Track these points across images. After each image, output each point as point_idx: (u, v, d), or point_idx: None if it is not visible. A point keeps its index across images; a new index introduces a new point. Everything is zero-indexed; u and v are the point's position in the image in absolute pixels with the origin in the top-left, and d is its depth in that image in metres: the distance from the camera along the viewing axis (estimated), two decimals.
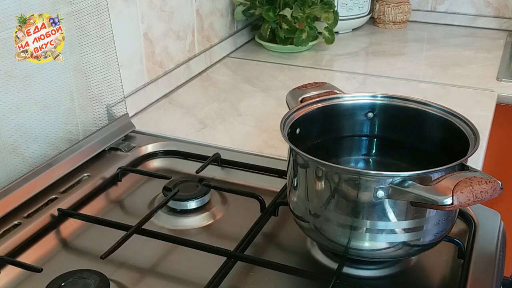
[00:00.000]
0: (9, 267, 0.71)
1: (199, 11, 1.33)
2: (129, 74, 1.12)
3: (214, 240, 0.78)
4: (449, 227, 0.69)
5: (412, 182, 0.60)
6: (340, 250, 0.68)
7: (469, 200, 0.57)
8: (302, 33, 1.44)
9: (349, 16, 1.65)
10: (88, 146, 0.94)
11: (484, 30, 1.70)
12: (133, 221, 0.77)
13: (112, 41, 0.99)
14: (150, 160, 0.98)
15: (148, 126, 1.09)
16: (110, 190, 0.90)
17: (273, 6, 1.43)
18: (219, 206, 0.85)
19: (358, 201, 0.63)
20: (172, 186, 0.85)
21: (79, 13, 0.91)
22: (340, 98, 0.80)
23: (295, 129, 0.75)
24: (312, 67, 1.42)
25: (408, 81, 1.31)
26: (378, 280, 0.71)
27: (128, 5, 1.08)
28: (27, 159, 0.86)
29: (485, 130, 1.07)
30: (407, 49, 1.58)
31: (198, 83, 1.32)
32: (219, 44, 1.45)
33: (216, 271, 0.69)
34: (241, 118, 1.13)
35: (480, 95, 1.23)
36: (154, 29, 1.17)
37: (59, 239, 0.79)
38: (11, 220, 0.78)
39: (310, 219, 0.69)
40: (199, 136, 1.06)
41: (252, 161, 0.94)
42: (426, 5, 1.78)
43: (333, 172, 0.64)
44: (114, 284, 0.68)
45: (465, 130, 0.71)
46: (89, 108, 0.97)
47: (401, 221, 0.64)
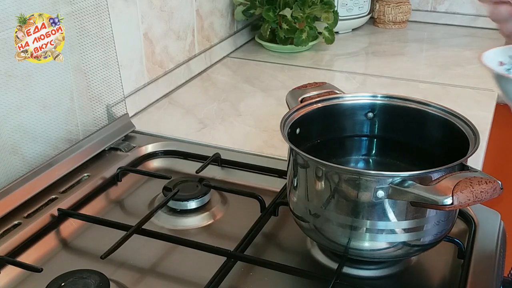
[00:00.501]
0: (9, 267, 0.71)
1: (199, 11, 1.33)
2: (129, 74, 1.11)
3: (214, 240, 0.78)
4: (449, 227, 0.69)
5: (412, 182, 0.60)
6: (340, 250, 0.68)
7: (469, 200, 0.57)
8: (302, 33, 1.44)
9: (349, 16, 1.65)
10: (88, 146, 0.94)
11: (484, 30, 1.69)
12: (133, 221, 0.77)
13: (112, 41, 0.99)
14: (150, 160, 0.98)
15: (148, 126, 1.09)
16: (110, 190, 0.90)
17: (273, 6, 1.43)
18: (219, 206, 0.85)
19: (358, 201, 0.63)
20: (172, 186, 0.85)
21: (79, 13, 0.91)
22: (340, 98, 0.80)
23: (295, 129, 0.75)
24: (312, 67, 1.42)
25: (408, 81, 1.31)
26: (378, 280, 0.71)
27: (128, 5, 1.08)
28: (27, 159, 0.86)
29: (485, 130, 1.07)
30: (407, 49, 1.58)
31: (198, 83, 1.32)
32: (219, 44, 1.45)
33: (216, 271, 0.69)
34: (241, 118, 1.13)
35: (480, 95, 1.23)
36: (154, 29, 1.17)
37: (59, 239, 0.79)
38: (11, 220, 0.78)
39: (310, 219, 0.69)
40: (199, 136, 1.06)
41: (252, 161, 0.94)
42: (426, 5, 1.78)
43: (333, 172, 0.64)
44: (114, 284, 0.68)
45: (465, 130, 0.70)
46: (89, 108, 0.97)
47: (401, 221, 0.64)
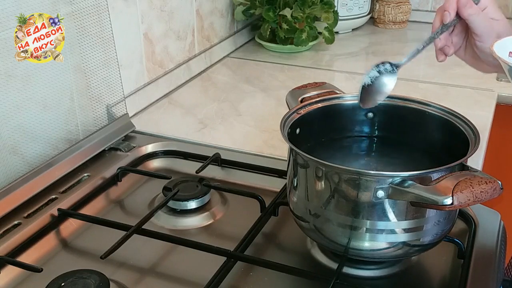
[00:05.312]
0: (9, 267, 0.71)
1: (199, 11, 1.33)
2: (129, 74, 1.11)
3: (214, 240, 0.78)
4: (449, 227, 0.69)
5: (412, 182, 0.60)
6: (340, 250, 0.68)
7: (469, 200, 0.57)
8: (302, 33, 1.44)
9: (349, 16, 1.65)
10: (88, 146, 0.94)
11: None
12: (133, 221, 0.77)
13: (112, 41, 0.99)
14: (150, 160, 0.98)
15: (148, 126, 1.09)
16: (110, 190, 0.90)
17: (273, 6, 1.43)
18: (219, 206, 0.85)
19: (358, 201, 0.63)
20: (172, 186, 0.85)
21: (79, 13, 0.91)
22: (340, 98, 0.80)
23: (295, 129, 0.75)
24: (312, 67, 1.42)
25: (408, 81, 1.31)
26: (378, 280, 0.71)
27: (128, 5, 1.08)
28: (27, 159, 0.86)
29: (485, 130, 1.07)
30: (407, 49, 1.56)
31: (198, 83, 1.32)
32: (219, 44, 1.45)
33: (216, 271, 0.69)
34: (241, 118, 1.13)
35: (480, 95, 1.23)
36: (154, 29, 1.17)
37: (59, 239, 0.79)
38: (11, 220, 0.78)
39: (310, 219, 0.69)
40: (199, 136, 1.06)
41: (252, 161, 0.94)
42: (426, 5, 1.78)
43: (333, 172, 0.64)
44: (114, 284, 0.68)
45: (465, 130, 0.70)
46: (89, 108, 0.97)
47: (401, 221, 0.64)
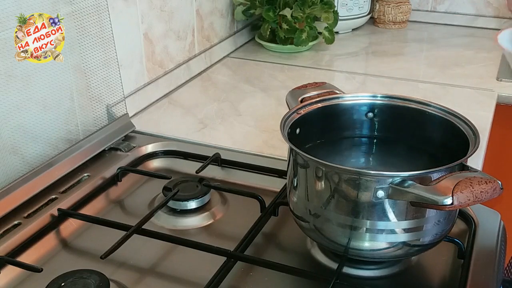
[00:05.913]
0: (9, 267, 0.71)
1: (199, 11, 1.33)
2: (129, 74, 1.11)
3: (214, 240, 0.78)
4: (449, 227, 0.69)
5: (412, 182, 0.60)
6: (340, 250, 0.68)
7: (469, 200, 0.57)
8: (302, 33, 1.43)
9: (349, 16, 1.65)
10: (88, 146, 0.94)
11: (484, 30, 1.69)
12: (133, 221, 0.77)
13: (112, 41, 0.99)
14: (150, 160, 0.98)
15: (148, 126, 1.09)
16: (110, 190, 0.90)
17: (273, 6, 1.43)
18: (219, 206, 0.85)
19: (358, 201, 0.63)
20: (172, 186, 0.85)
21: (79, 13, 0.91)
22: (340, 98, 0.80)
23: (295, 129, 0.75)
24: (312, 67, 1.42)
25: (408, 81, 1.31)
26: (378, 280, 0.71)
27: (128, 5, 1.08)
28: (27, 159, 0.86)
29: (485, 130, 1.07)
30: (407, 49, 1.58)
31: (198, 83, 1.32)
32: (219, 44, 1.45)
33: (216, 271, 0.69)
34: (241, 118, 1.13)
35: (480, 95, 1.23)
36: (154, 29, 1.17)
37: (59, 239, 0.79)
38: (11, 220, 0.78)
39: (310, 219, 0.69)
40: (199, 136, 1.06)
41: (252, 161, 0.94)
42: (426, 5, 1.78)
43: (333, 172, 0.64)
44: (114, 284, 0.68)
45: (465, 130, 0.71)
46: (89, 108, 0.97)
47: (401, 221, 0.64)
